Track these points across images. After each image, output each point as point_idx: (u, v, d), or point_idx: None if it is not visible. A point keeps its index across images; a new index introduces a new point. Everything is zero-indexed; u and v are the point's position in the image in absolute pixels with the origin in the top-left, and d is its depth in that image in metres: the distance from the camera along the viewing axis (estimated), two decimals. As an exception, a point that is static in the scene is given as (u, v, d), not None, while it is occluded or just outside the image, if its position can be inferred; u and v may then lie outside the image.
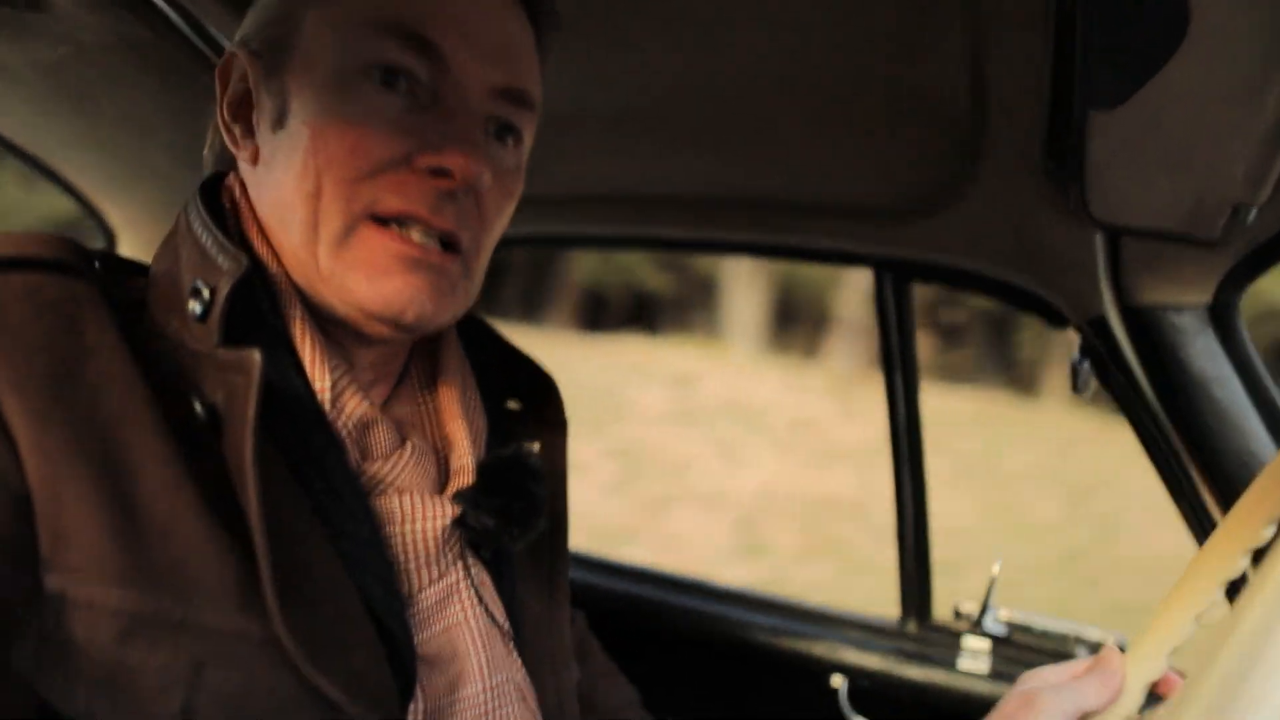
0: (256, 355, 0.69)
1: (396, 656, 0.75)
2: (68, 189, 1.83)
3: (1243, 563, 0.65)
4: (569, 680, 0.97)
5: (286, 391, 0.75)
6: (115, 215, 1.90)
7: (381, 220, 0.77)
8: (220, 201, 0.84)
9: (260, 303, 0.78)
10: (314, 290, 0.80)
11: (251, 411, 0.67)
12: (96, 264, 0.78)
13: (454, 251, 0.80)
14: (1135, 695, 0.74)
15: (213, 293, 0.73)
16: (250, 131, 0.83)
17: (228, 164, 0.88)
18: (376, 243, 0.77)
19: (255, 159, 0.83)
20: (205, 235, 0.78)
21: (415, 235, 0.77)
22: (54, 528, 0.64)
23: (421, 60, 0.78)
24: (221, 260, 0.75)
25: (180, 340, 0.74)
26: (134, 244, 1.95)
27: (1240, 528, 0.67)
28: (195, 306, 0.73)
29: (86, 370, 0.68)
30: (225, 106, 0.85)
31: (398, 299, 0.77)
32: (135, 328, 0.75)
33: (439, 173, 0.77)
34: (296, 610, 0.67)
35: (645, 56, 1.21)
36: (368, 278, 0.77)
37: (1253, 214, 1.02)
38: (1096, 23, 0.80)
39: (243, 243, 0.81)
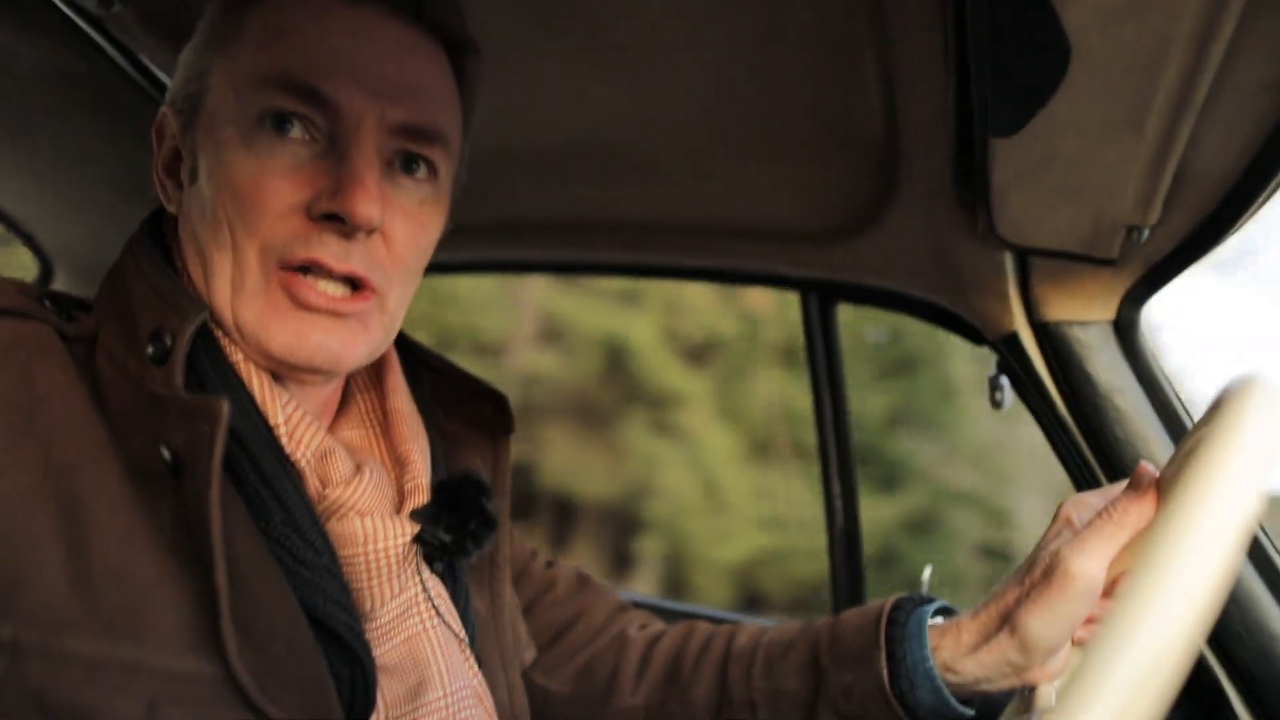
0: (224, 405, 0.70)
1: (360, 672, 0.78)
2: (3, 219, 1.83)
3: None
4: (516, 676, 1.02)
5: (246, 430, 0.78)
6: (52, 245, 1.90)
7: (289, 269, 0.79)
8: (166, 243, 0.87)
9: (213, 345, 0.80)
10: (238, 335, 0.82)
11: (217, 460, 0.69)
12: (46, 303, 0.79)
13: (365, 290, 0.82)
14: None
15: (174, 338, 0.74)
16: (180, 186, 0.86)
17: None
18: (284, 295, 0.79)
19: (178, 211, 0.86)
20: (159, 278, 0.80)
21: (322, 284, 0.80)
22: (7, 577, 0.65)
23: (313, 107, 0.79)
24: (182, 304, 0.77)
25: (140, 380, 0.75)
26: (72, 274, 1.95)
27: None
28: (153, 350, 0.75)
29: (37, 421, 0.70)
30: (160, 164, 0.88)
31: (304, 347, 0.80)
32: (89, 366, 0.78)
33: (335, 218, 0.78)
34: (250, 648, 0.69)
35: (581, 89, 1.26)
36: (280, 328, 0.79)
37: (1145, 234, 1.09)
38: (988, 58, 0.86)
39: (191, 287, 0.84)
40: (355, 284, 0.82)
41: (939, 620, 0.98)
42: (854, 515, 1.71)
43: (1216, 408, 0.61)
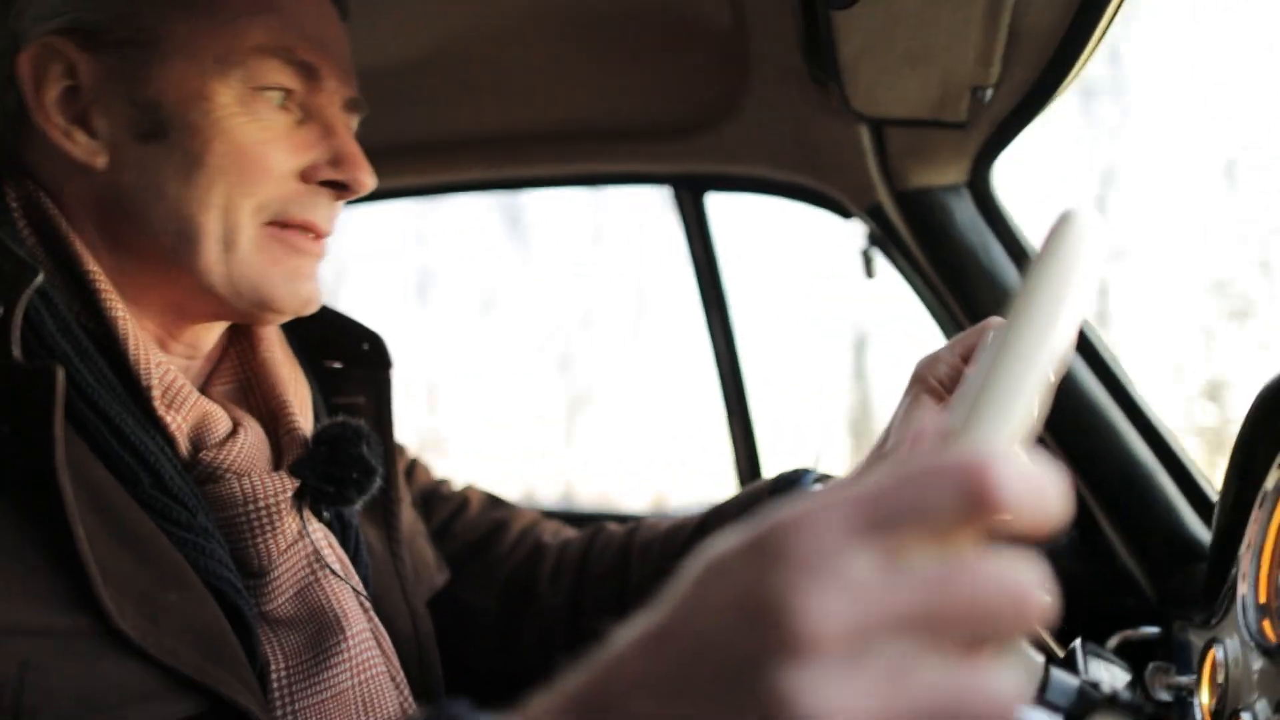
0: (60, 372, 0.67)
1: (245, 631, 0.77)
2: None
3: None
4: (421, 604, 1.03)
5: (102, 395, 0.75)
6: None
7: (282, 225, 0.84)
8: (3, 201, 0.81)
9: (64, 311, 0.77)
10: (182, 285, 0.83)
11: (57, 428, 0.66)
12: None
13: (323, 239, 0.89)
14: None
15: (7, 305, 0.71)
16: (93, 134, 0.81)
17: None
18: (282, 251, 0.84)
19: (110, 166, 0.81)
20: None
21: (309, 241, 0.86)
22: None
23: (303, 81, 0.84)
24: (13, 270, 0.73)
25: None
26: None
27: None
28: None
29: None
30: (51, 104, 0.80)
31: (304, 295, 0.87)
32: None
33: (338, 186, 0.85)
34: (134, 601, 0.68)
35: (419, 7, 1.24)
36: (284, 281, 0.85)
37: (989, 94, 1.14)
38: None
39: (50, 245, 0.80)
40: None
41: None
42: (747, 417, 1.76)
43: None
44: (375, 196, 1.81)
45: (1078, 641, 0.81)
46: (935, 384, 0.89)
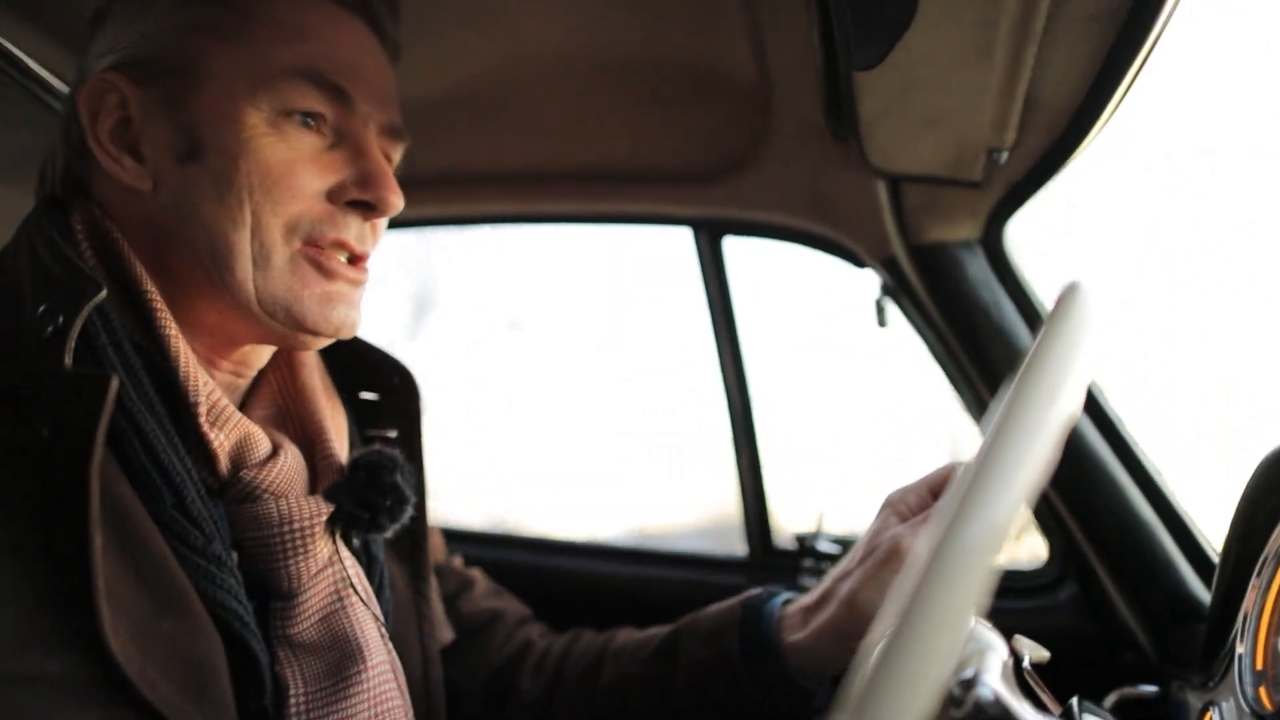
0: (113, 381, 0.69)
1: (250, 661, 0.79)
2: None
3: None
4: (435, 650, 1.05)
5: (140, 412, 0.76)
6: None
7: (315, 246, 0.85)
8: (69, 223, 0.84)
9: (117, 327, 0.79)
10: (219, 305, 0.84)
11: (101, 432, 0.67)
12: None
13: (361, 261, 0.90)
14: None
15: (66, 317, 0.73)
16: (141, 160, 0.84)
17: (67, 186, 0.88)
18: (310, 266, 0.85)
19: (154, 189, 0.84)
20: (52, 258, 0.78)
21: (344, 264, 0.87)
22: None
23: (334, 104, 0.86)
24: (76, 284, 0.75)
25: (19, 360, 0.74)
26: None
27: None
28: (46, 328, 0.73)
29: None
30: (105, 134, 0.84)
31: (337, 320, 0.87)
32: None
33: (364, 206, 0.87)
34: (131, 628, 0.68)
35: (451, 44, 1.27)
36: (311, 300, 0.85)
37: (1005, 156, 1.16)
38: (845, -5, 0.90)
39: (110, 264, 0.83)
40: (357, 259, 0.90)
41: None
42: (755, 448, 1.77)
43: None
44: (402, 224, 1.86)
45: (1075, 699, 0.81)
46: (905, 509, 1.03)
